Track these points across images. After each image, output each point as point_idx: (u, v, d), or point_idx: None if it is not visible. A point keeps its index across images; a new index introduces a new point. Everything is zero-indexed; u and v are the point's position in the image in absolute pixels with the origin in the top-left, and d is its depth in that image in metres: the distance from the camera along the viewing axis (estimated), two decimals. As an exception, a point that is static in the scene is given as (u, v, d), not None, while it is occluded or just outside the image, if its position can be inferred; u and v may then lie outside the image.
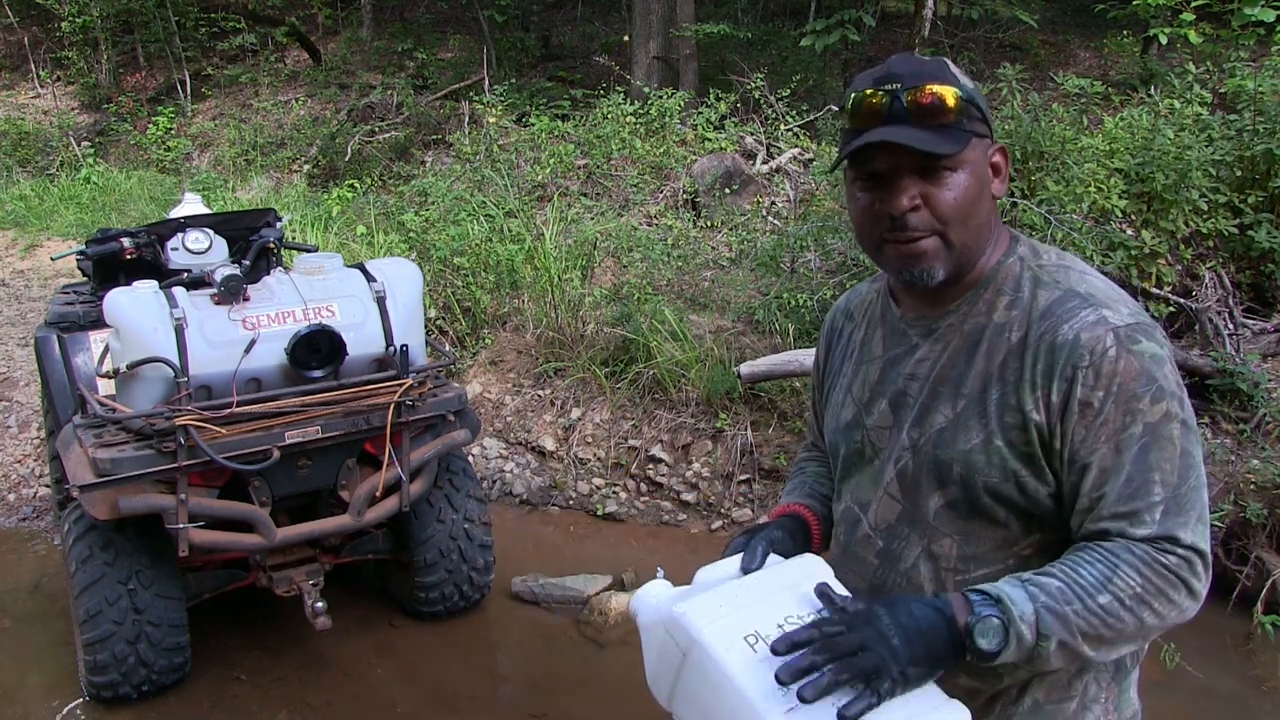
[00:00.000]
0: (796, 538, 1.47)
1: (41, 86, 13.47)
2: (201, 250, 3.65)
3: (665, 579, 1.34)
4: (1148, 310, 4.55)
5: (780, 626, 1.19)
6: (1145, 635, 1.23)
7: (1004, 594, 1.17)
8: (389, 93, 10.67)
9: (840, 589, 1.26)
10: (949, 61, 1.30)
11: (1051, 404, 1.22)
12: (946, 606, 1.18)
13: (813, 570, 1.30)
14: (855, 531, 1.41)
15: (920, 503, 1.33)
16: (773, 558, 1.36)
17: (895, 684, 1.12)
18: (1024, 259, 1.33)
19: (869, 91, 1.26)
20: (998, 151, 1.32)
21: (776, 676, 1.11)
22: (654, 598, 1.31)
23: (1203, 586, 1.21)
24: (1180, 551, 1.19)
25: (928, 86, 1.23)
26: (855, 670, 1.11)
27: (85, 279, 4.21)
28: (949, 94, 1.23)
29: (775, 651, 1.13)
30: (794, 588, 1.25)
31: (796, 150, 7.66)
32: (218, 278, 3.22)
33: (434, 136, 9.73)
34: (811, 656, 1.11)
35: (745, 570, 1.31)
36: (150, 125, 11.23)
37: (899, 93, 1.24)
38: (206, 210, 4.20)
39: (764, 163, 7.63)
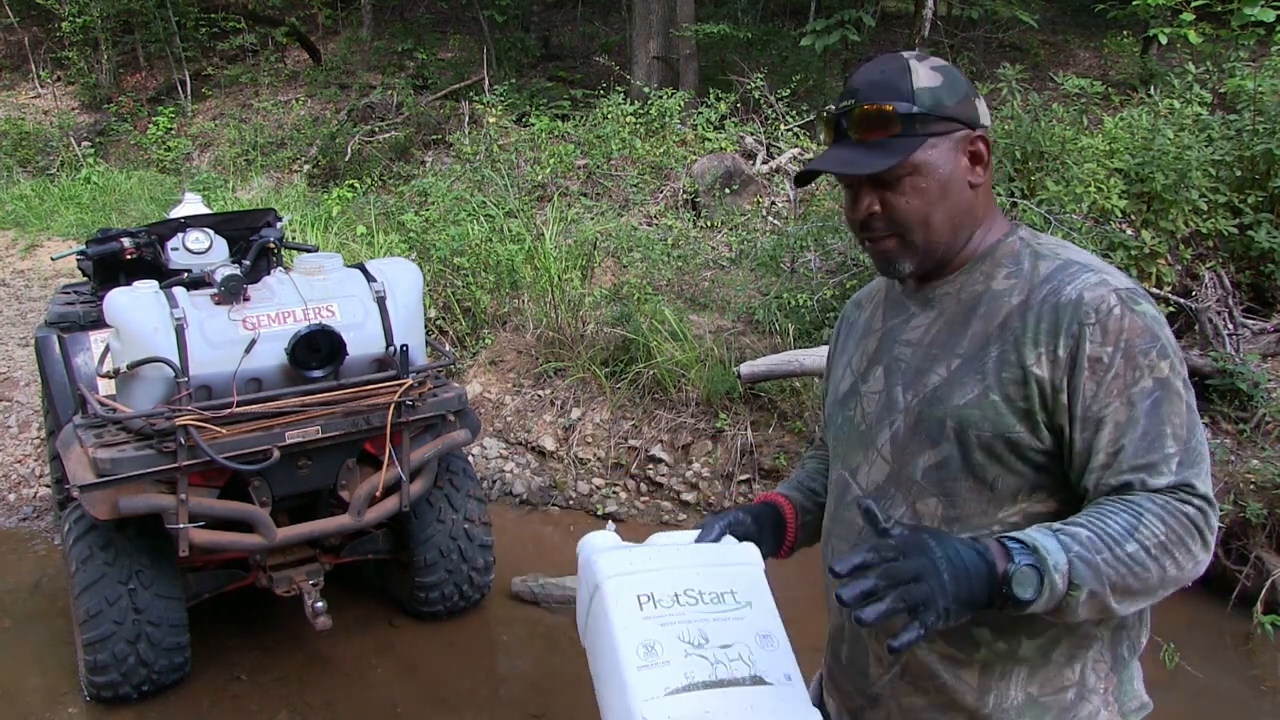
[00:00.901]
0: (764, 525, 1.52)
1: (42, 86, 13.48)
2: (201, 250, 3.65)
3: (615, 533, 1.45)
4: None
5: (676, 595, 1.27)
6: (1165, 587, 1.22)
7: (1039, 543, 1.17)
8: (389, 93, 10.67)
9: (753, 578, 1.33)
10: (914, 63, 1.34)
11: (1058, 359, 1.24)
12: (986, 551, 1.17)
13: (743, 557, 1.37)
14: (845, 495, 1.45)
15: (909, 462, 1.35)
16: (728, 539, 1.43)
17: (939, 618, 1.12)
18: (1023, 238, 1.38)
19: (827, 113, 1.38)
20: (977, 140, 1.34)
21: (839, 597, 1.11)
22: (593, 543, 1.41)
23: (1214, 537, 1.23)
24: (1197, 501, 1.21)
25: (865, 108, 1.32)
26: (911, 599, 1.11)
27: (85, 279, 4.21)
28: (886, 112, 1.30)
29: (835, 573, 1.14)
30: (711, 567, 1.32)
31: (796, 150, 7.66)
32: (218, 278, 3.22)
33: (434, 136, 9.73)
34: (873, 581, 1.11)
35: (698, 542, 1.42)
36: (150, 125, 11.23)
37: (847, 112, 1.34)
38: (206, 210, 4.20)
39: (764, 163, 7.63)
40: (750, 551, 1.40)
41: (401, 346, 3.28)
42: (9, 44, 14.43)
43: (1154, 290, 4.73)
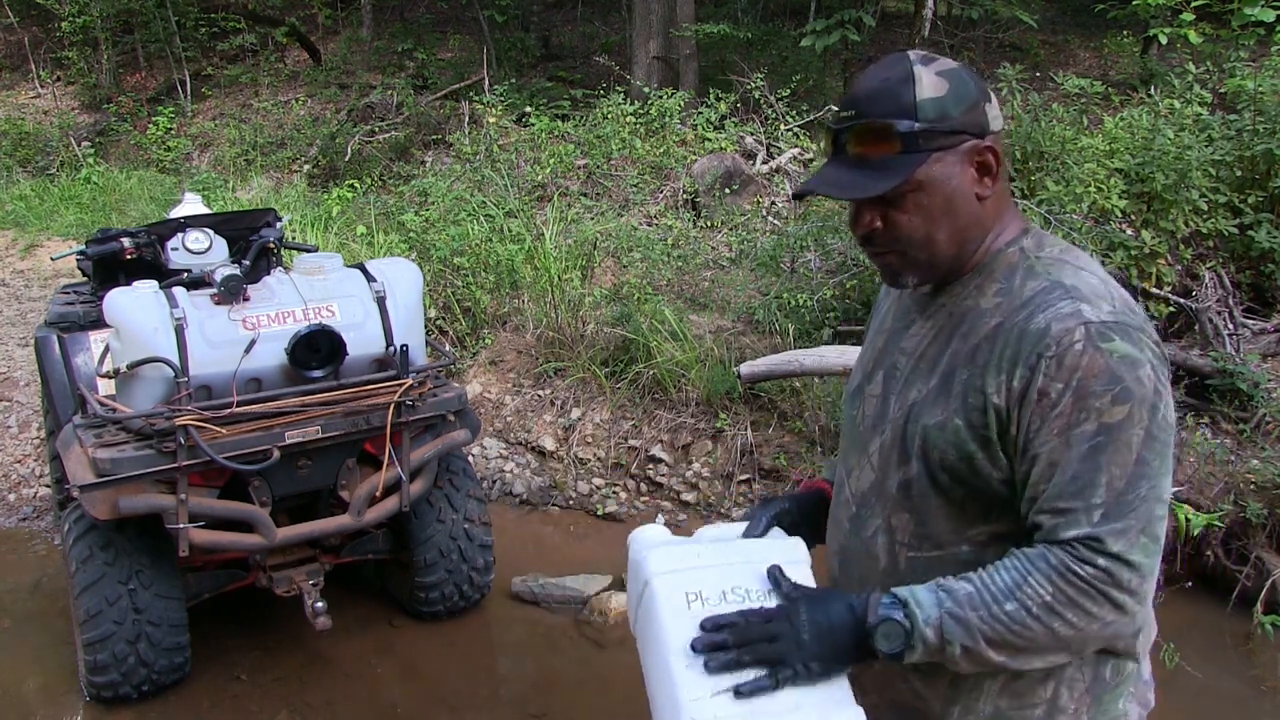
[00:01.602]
0: (808, 513, 1.55)
1: (41, 86, 13.48)
2: (201, 250, 3.65)
3: (664, 526, 1.50)
4: (1148, 311, 4.55)
5: (723, 593, 1.31)
6: (1067, 646, 1.21)
7: (912, 597, 1.22)
8: (389, 93, 10.67)
9: (798, 575, 1.34)
10: (919, 69, 1.27)
11: (1012, 389, 1.21)
12: (860, 606, 1.24)
13: (789, 553, 1.40)
14: (839, 495, 1.48)
15: (889, 474, 1.35)
16: (775, 530, 1.48)
17: (796, 675, 1.22)
18: (1025, 250, 1.32)
19: (827, 125, 1.34)
20: (986, 150, 1.29)
21: (691, 646, 1.25)
22: (643, 538, 1.46)
23: (1132, 600, 1.18)
24: (1102, 562, 1.16)
25: (864, 124, 1.26)
26: (759, 656, 1.22)
27: (85, 279, 4.21)
28: (886, 129, 1.25)
29: (703, 628, 1.26)
30: (757, 564, 1.35)
31: (796, 150, 7.66)
32: (218, 278, 3.22)
33: (434, 136, 9.73)
34: (725, 636, 1.24)
35: (745, 536, 1.46)
36: (150, 125, 11.22)
37: (847, 128, 1.28)
38: (206, 210, 4.20)
39: (764, 163, 7.63)
40: (797, 547, 1.42)
41: (401, 346, 3.28)
42: (9, 44, 14.43)
43: (1154, 290, 4.73)
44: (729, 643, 1.23)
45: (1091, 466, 1.16)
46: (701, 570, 1.34)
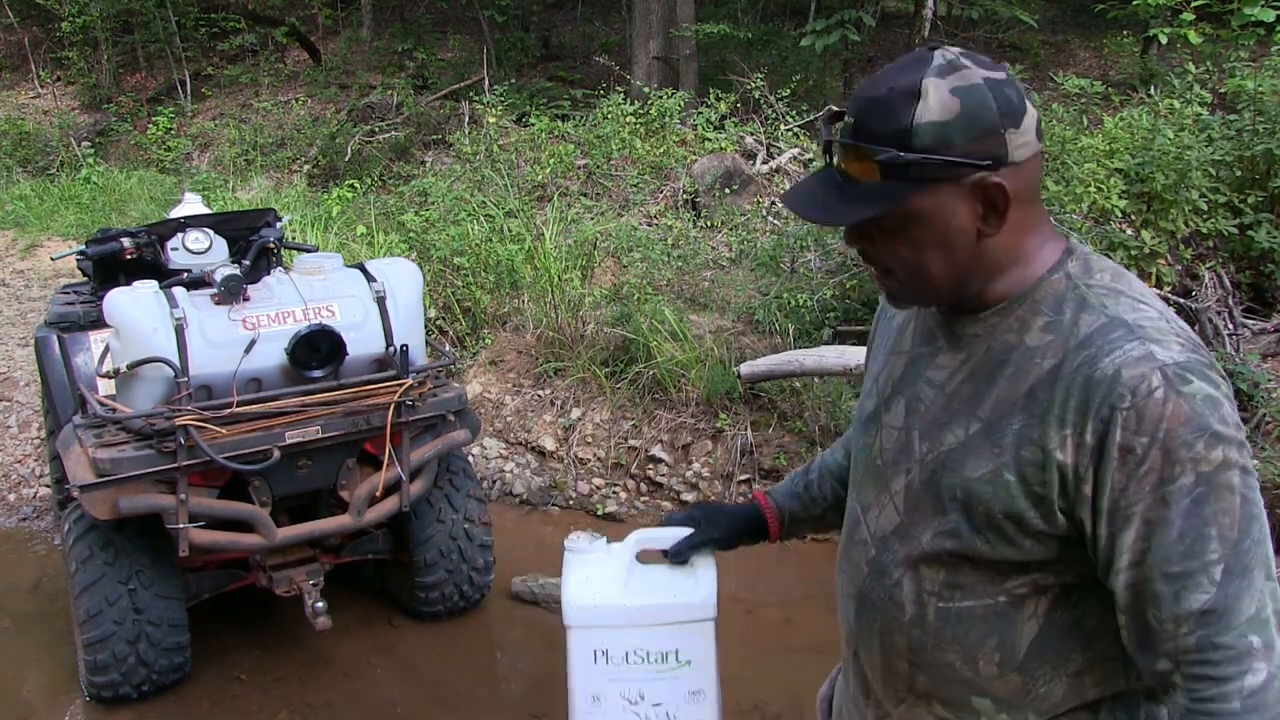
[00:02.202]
0: (737, 530, 1.55)
1: (41, 86, 13.48)
2: (201, 250, 3.65)
3: (595, 536, 1.57)
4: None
5: (625, 655, 1.46)
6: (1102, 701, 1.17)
7: None
8: (389, 93, 10.67)
9: (703, 632, 1.48)
10: (930, 84, 1.10)
11: (1083, 444, 1.08)
12: None
13: (697, 610, 1.49)
14: (854, 534, 1.35)
15: (919, 521, 1.23)
16: (697, 560, 1.52)
17: None
18: (1072, 276, 1.17)
19: (821, 128, 1.23)
20: (992, 187, 1.11)
21: None
22: (572, 553, 1.55)
23: (1271, 664, 1.05)
24: (1231, 638, 1.04)
25: (849, 145, 1.14)
26: None
27: (85, 279, 4.21)
28: (866, 156, 1.12)
29: None
30: (662, 626, 1.47)
31: (796, 150, 7.66)
32: (218, 278, 3.22)
33: (434, 136, 9.73)
34: None
35: (669, 554, 1.51)
36: (150, 125, 11.22)
37: (838, 141, 1.17)
38: (206, 210, 4.20)
39: (764, 163, 7.63)
40: (706, 595, 1.48)
41: (401, 346, 3.28)
42: (9, 44, 14.43)
43: (1153, 290, 4.73)
44: None
45: (1198, 521, 1.04)
46: (611, 630, 1.47)
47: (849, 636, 1.35)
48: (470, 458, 4.92)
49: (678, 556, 1.51)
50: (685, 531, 1.52)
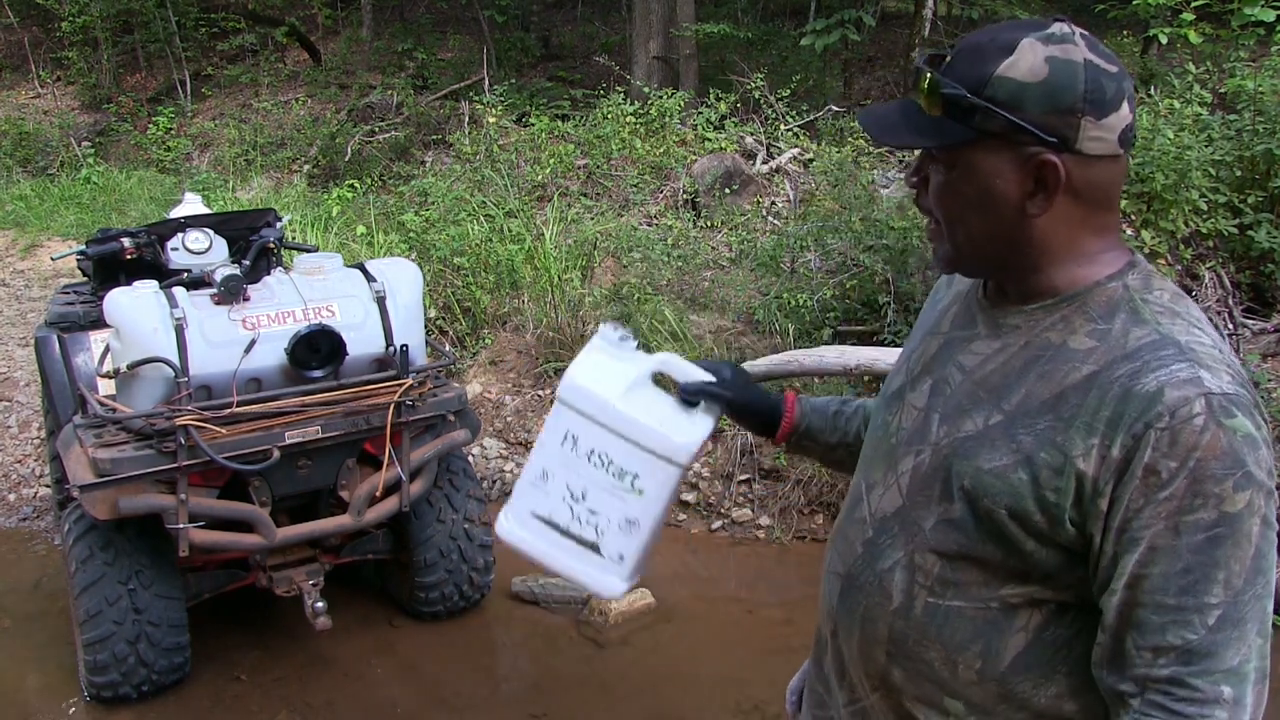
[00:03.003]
0: (751, 406, 1.50)
1: (41, 86, 13.48)
2: (201, 250, 3.65)
3: (626, 333, 1.51)
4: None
5: (590, 452, 1.42)
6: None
7: None
8: (389, 93, 10.67)
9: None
10: (1028, 44, 1.08)
11: (1108, 457, 1.03)
12: None
13: (675, 449, 1.42)
14: (854, 512, 1.30)
15: (921, 506, 1.19)
16: (707, 405, 1.46)
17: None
18: (1130, 288, 1.12)
19: (918, 59, 1.20)
20: (1047, 164, 1.08)
21: None
22: (605, 336, 1.50)
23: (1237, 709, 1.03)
24: (1207, 686, 1.02)
25: (929, 75, 1.12)
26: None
27: (85, 279, 4.21)
28: (935, 89, 1.11)
29: None
30: (635, 446, 1.41)
31: (796, 150, 7.66)
32: (218, 278, 3.22)
33: (434, 136, 9.73)
34: None
35: (683, 388, 1.46)
36: (150, 125, 11.23)
37: (923, 68, 1.14)
38: (206, 210, 4.20)
39: (764, 163, 7.63)
40: (689, 441, 1.42)
41: (401, 346, 3.28)
42: (9, 44, 14.43)
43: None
44: None
45: (1207, 560, 1.01)
46: (589, 422, 1.43)
47: (829, 614, 1.32)
48: (470, 458, 4.92)
49: (689, 394, 1.45)
50: (708, 377, 1.47)
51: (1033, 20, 1.12)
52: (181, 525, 3.06)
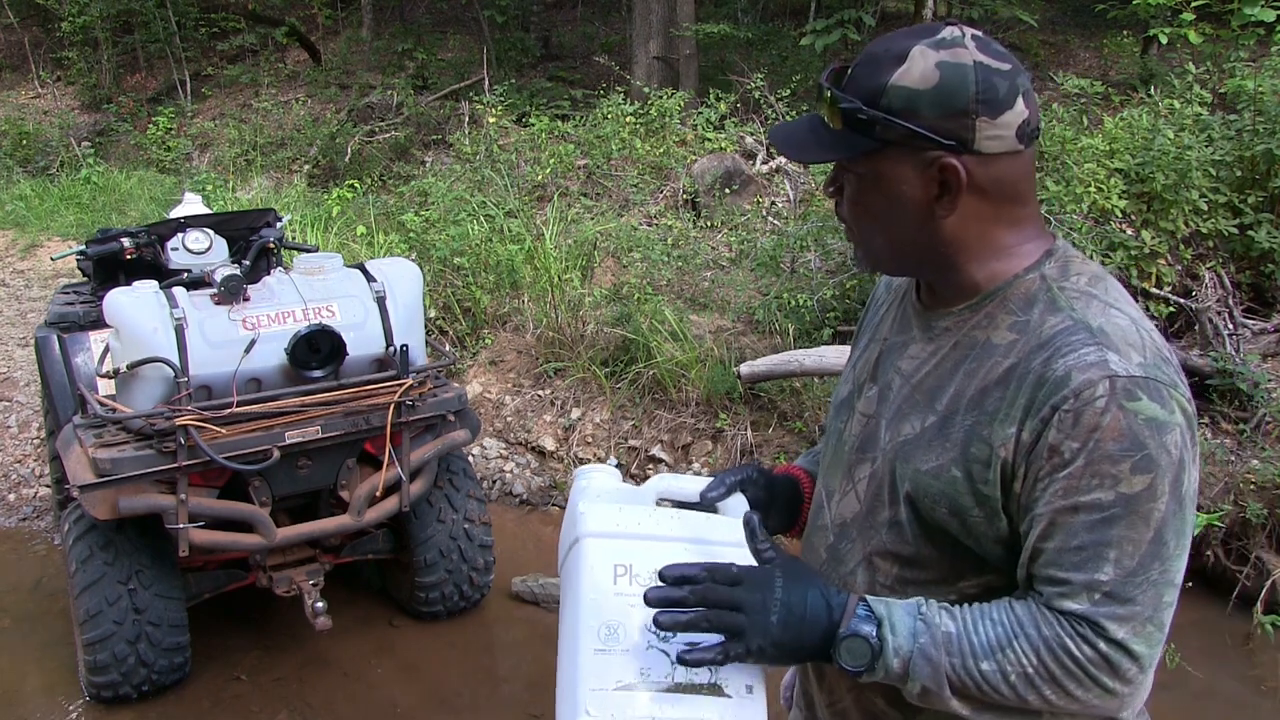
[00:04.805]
0: (778, 495, 1.42)
1: (41, 86, 13.48)
2: (201, 250, 3.65)
3: (617, 470, 1.39)
4: (1148, 311, 4.55)
5: (655, 574, 1.15)
6: (1038, 715, 1.13)
7: (888, 618, 1.10)
8: (389, 93, 10.67)
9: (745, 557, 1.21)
10: (919, 52, 1.10)
11: (1021, 441, 1.07)
12: (839, 608, 1.11)
13: (737, 533, 1.23)
14: (817, 519, 1.34)
15: (877, 510, 1.22)
16: (738, 497, 1.33)
17: (749, 653, 1.10)
18: (1047, 277, 1.15)
19: (827, 75, 1.21)
20: (947, 168, 1.10)
21: (645, 597, 1.11)
22: (588, 480, 1.34)
23: (1127, 687, 1.07)
24: (1102, 647, 1.04)
25: (829, 95, 1.14)
26: (718, 624, 1.10)
27: (85, 279, 4.21)
28: (833, 104, 1.14)
29: (663, 578, 1.12)
30: (701, 544, 1.21)
31: (796, 150, 7.65)
32: (218, 278, 3.22)
33: (434, 136, 9.73)
34: (686, 593, 1.11)
35: (702, 496, 1.32)
36: (150, 125, 11.22)
37: (824, 85, 1.17)
38: (206, 210, 4.20)
39: (764, 163, 7.63)
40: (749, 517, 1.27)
41: (401, 346, 3.28)
42: (9, 44, 14.43)
43: (1154, 290, 4.73)
44: (689, 600, 1.10)
45: (1100, 539, 1.03)
46: (638, 541, 1.19)
47: None
48: (470, 458, 4.92)
49: (713, 494, 1.33)
50: (706, 480, 1.36)
51: (925, 25, 1.15)
52: (181, 525, 3.06)
